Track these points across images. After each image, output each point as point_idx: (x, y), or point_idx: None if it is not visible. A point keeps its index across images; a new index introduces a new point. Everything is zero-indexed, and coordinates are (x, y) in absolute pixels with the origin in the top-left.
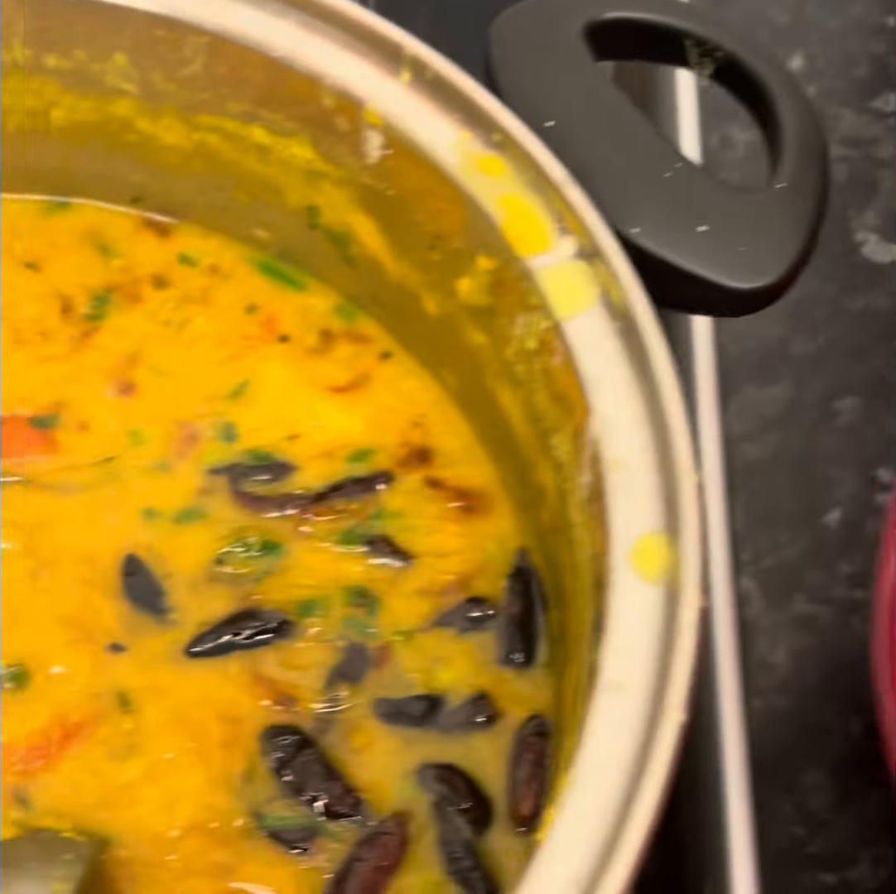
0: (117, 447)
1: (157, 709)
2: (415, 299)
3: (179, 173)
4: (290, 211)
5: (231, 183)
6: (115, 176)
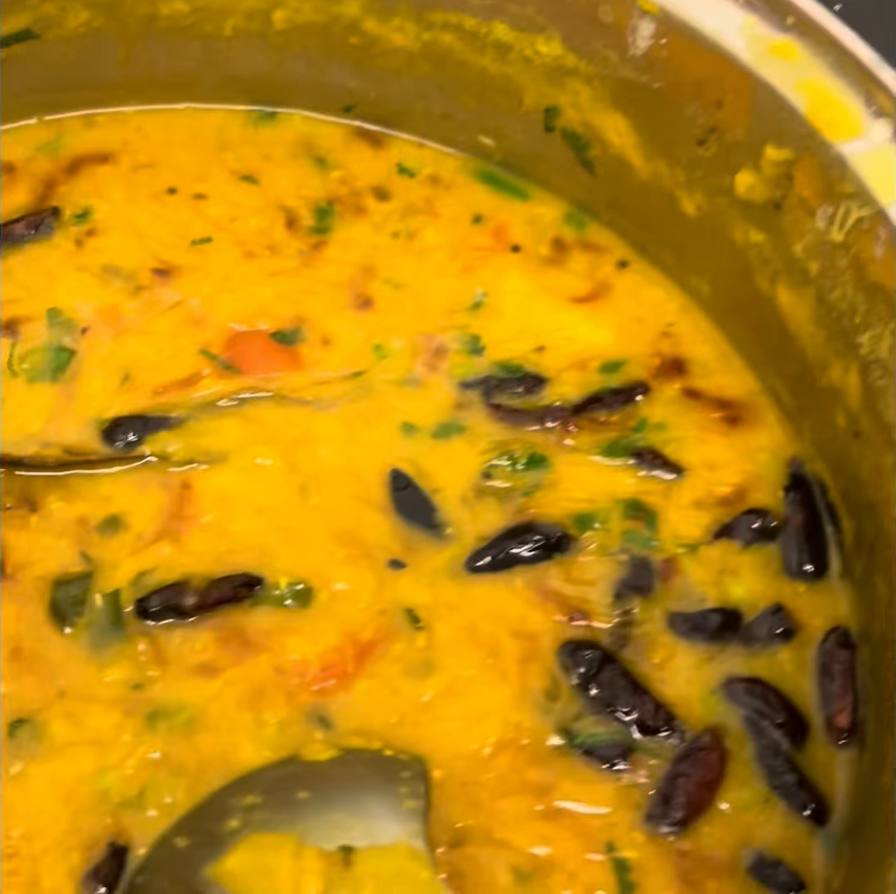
0: (364, 361)
1: (447, 626)
2: (667, 201)
3: (400, 78)
4: (523, 113)
5: (458, 86)
6: (328, 83)
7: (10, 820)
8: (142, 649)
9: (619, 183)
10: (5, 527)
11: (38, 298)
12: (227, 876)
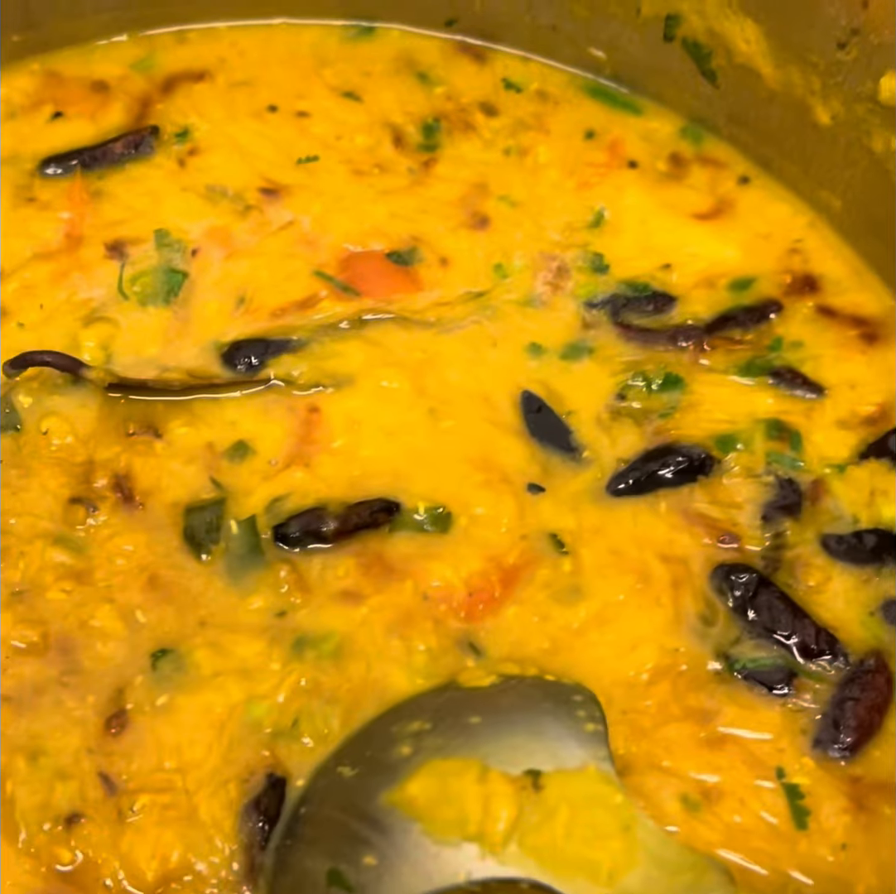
0: (485, 281)
1: (592, 551)
2: (798, 110)
3: None
4: (640, 23)
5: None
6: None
7: (162, 753)
8: (283, 576)
9: (744, 94)
10: (130, 453)
11: (144, 219)
12: (409, 802)
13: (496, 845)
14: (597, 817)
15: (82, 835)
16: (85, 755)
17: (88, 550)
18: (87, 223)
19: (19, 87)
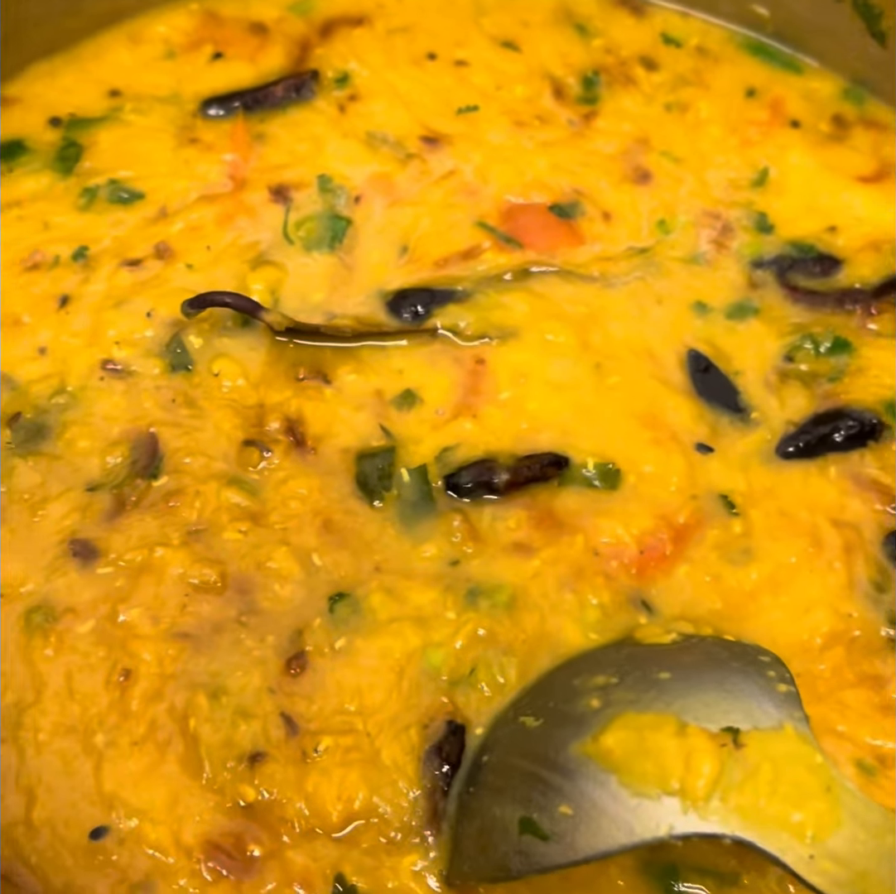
0: (648, 237)
1: (763, 513)
2: None
3: None
4: None
5: None
6: None
7: (342, 696)
8: (455, 525)
9: None
10: (301, 398)
11: (307, 164)
12: (605, 754)
13: (699, 800)
14: (799, 777)
15: (266, 774)
16: (266, 695)
17: (263, 493)
18: (250, 166)
19: (178, 26)
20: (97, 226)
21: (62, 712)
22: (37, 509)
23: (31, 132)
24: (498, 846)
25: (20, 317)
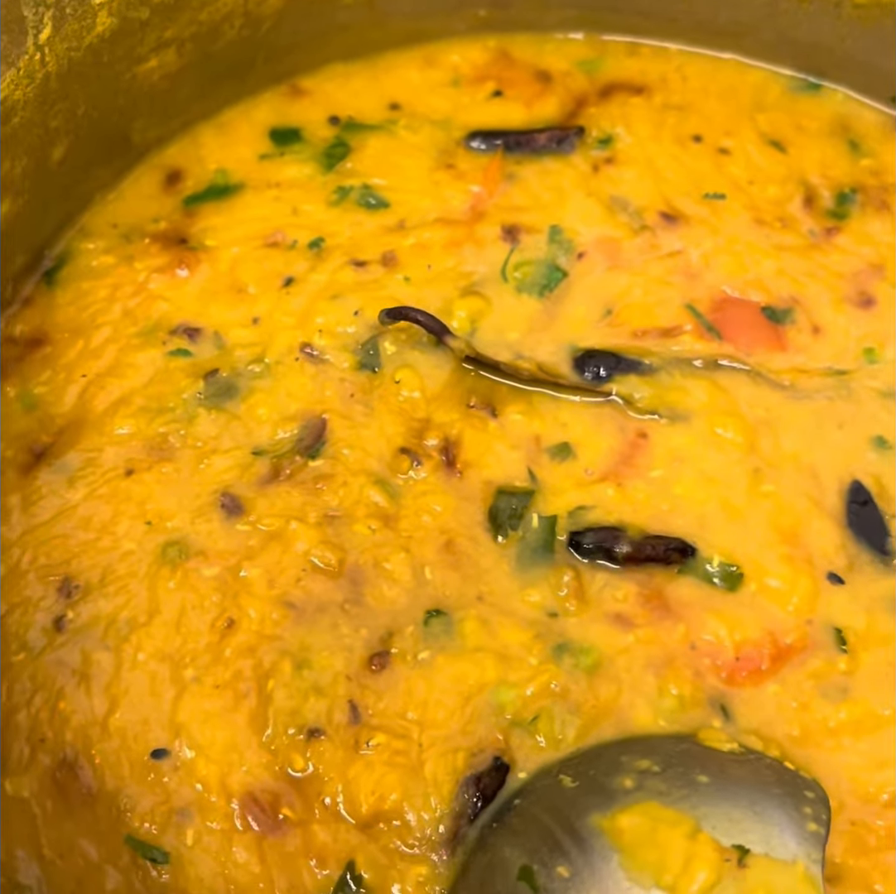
0: (851, 361)
1: (872, 657)
2: None
3: None
4: None
5: None
6: (884, 67)
7: (409, 703)
8: (566, 580)
9: None
10: (465, 423)
11: (544, 212)
12: (616, 832)
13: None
14: None
15: (318, 750)
16: (343, 680)
17: (402, 499)
18: (492, 201)
19: (470, 59)
20: (339, 222)
21: (165, 640)
22: (203, 458)
23: (310, 124)
24: (495, 884)
25: (246, 286)
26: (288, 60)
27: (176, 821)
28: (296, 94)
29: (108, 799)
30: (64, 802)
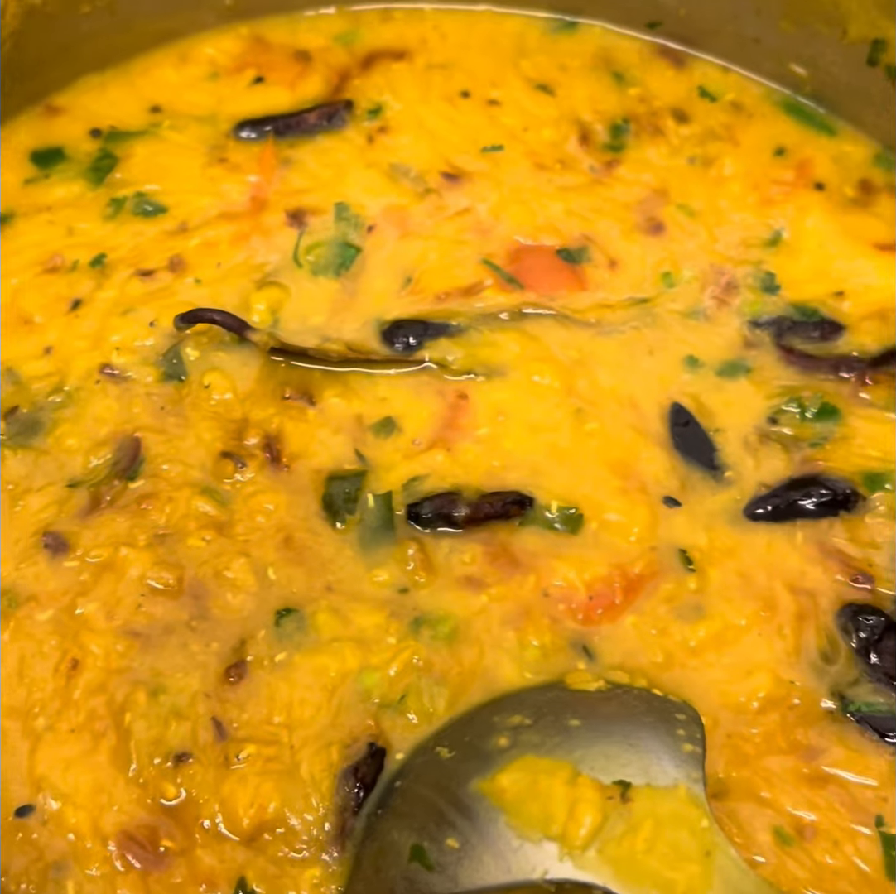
0: (651, 288)
1: (720, 571)
2: None
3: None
4: (846, 44)
5: (777, 9)
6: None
7: (273, 708)
8: (411, 554)
9: None
10: (284, 416)
11: (327, 191)
12: (498, 792)
13: (576, 848)
14: (680, 838)
15: (188, 774)
16: (202, 698)
17: (232, 504)
18: (272, 189)
19: (225, 50)
20: (118, 235)
21: (10, 694)
22: (18, 500)
23: (71, 141)
24: (389, 869)
25: (32, 316)
26: (38, 79)
27: (53, 876)
28: (52, 112)
29: None
30: None
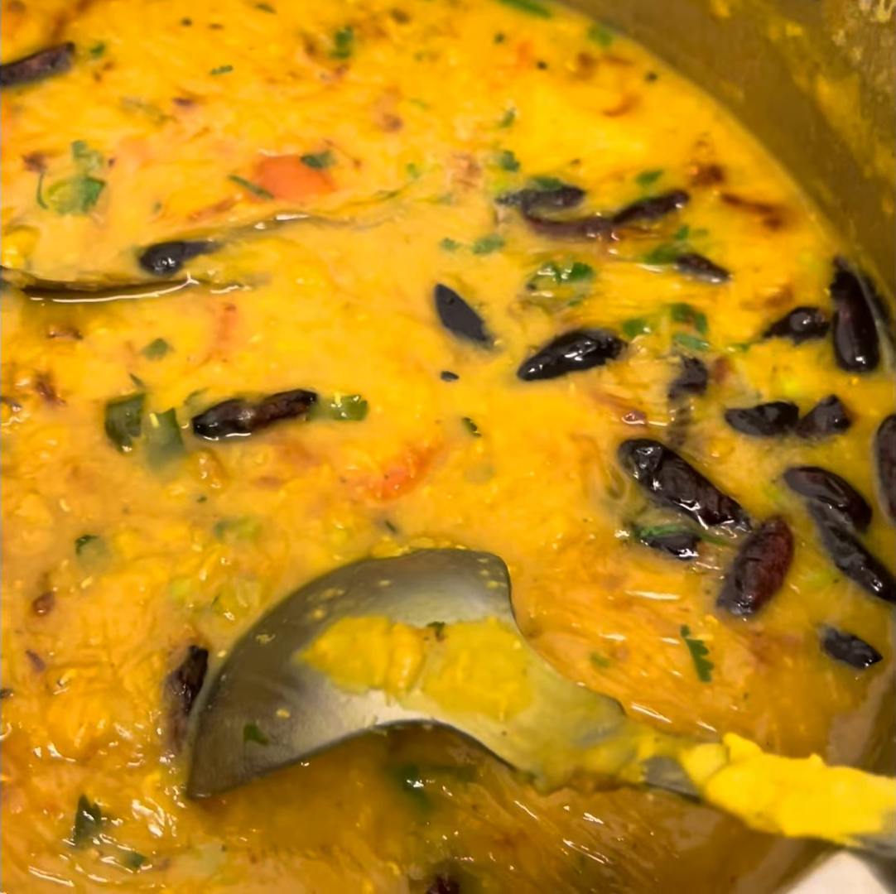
0: (398, 181)
1: (504, 432)
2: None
3: None
4: None
5: None
6: None
7: (88, 631)
8: (203, 463)
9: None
10: (52, 353)
11: (61, 132)
12: (320, 658)
13: (400, 691)
14: (496, 662)
15: (12, 709)
16: (14, 635)
17: (13, 447)
18: (6, 137)
19: None
20: None
21: None
22: None
23: None
24: (227, 756)
25: None
26: None
27: None
28: None
29: None
30: None
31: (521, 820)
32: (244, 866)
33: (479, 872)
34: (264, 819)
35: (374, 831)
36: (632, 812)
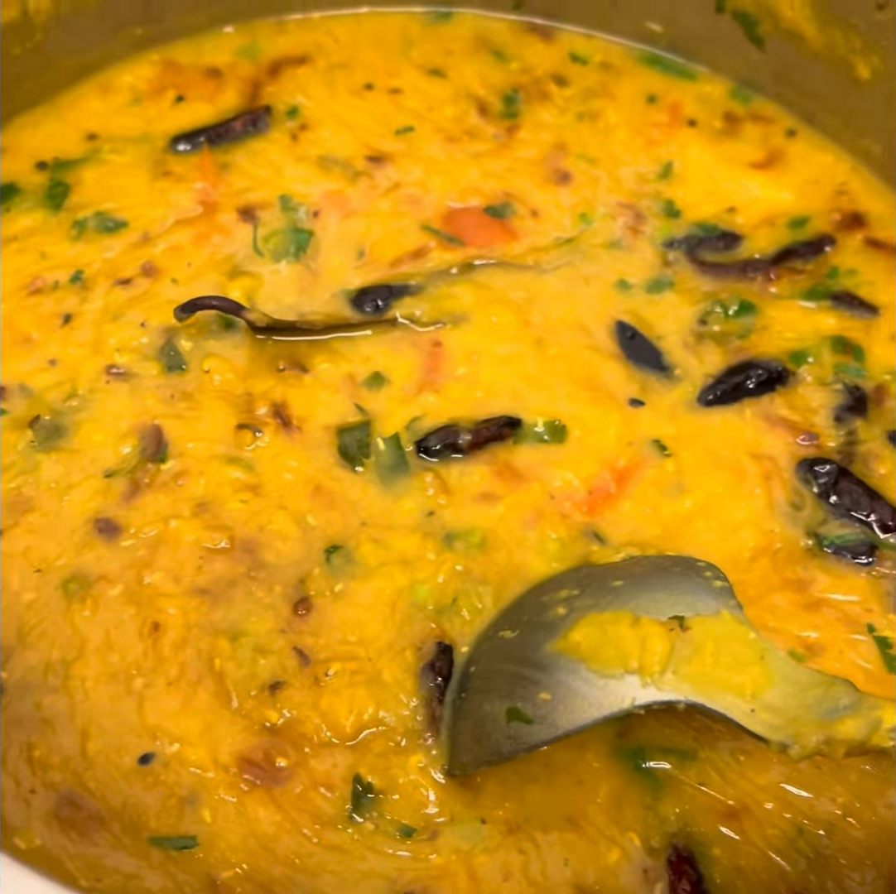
0: (572, 229)
1: (691, 452)
2: (840, 68)
3: None
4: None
5: None
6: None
7: (345, 629)
8: (428, 481)
9: (788, 56)
10: (284, 386)
11: (268, 187)
12: (574, 648)
13: (655, 674)
14: (737, 649)
15: (285, 698)
16: (278, 634)
17: (258, 467)
18: (219, 192)
19: (142, 76)
20: (89, 252)
21: (103, 662)
22: (62, 495)
23: (20, 176)
24: (491, 735)
25: (30, 335)
26: None
27: (188, 807)
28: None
29: (117, 814)
30: (77, 833)
31: (745, 795)
32: (502, 837)
33: (710, 841)
34: (515, 795)
35: (613, 806)
36: (837, 787)
